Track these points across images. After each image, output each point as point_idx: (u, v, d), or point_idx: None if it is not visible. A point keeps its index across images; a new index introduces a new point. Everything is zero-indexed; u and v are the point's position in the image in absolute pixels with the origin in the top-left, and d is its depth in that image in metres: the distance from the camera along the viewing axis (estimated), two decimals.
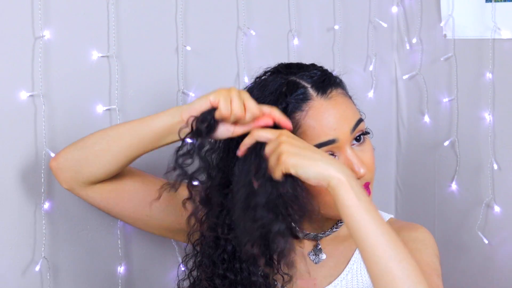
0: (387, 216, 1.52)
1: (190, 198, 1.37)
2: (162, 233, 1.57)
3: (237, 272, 1.38)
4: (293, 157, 1.27)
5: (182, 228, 1.50)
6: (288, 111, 1.36)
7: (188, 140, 1.34)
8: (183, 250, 1.68)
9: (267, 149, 1.30)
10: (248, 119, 1.33)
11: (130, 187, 1.49)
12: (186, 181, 1.36)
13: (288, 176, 1.29)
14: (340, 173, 1.25)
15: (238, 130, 1.35)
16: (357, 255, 1.46)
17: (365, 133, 1.41)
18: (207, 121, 1.33)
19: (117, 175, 1.48)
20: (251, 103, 1.33)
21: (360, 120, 1.39)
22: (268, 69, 1.45)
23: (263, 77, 1.44)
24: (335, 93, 1.39)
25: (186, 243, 1.49)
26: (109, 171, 1.45)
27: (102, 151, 1.42)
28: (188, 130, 1.34)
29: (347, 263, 1.46)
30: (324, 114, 1.36)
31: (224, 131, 1.36)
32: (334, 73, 1.45)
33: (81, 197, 1.50)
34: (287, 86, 1.38)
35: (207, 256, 1.41)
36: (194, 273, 1.46)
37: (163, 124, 1.38)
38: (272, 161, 1.29)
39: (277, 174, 1.29)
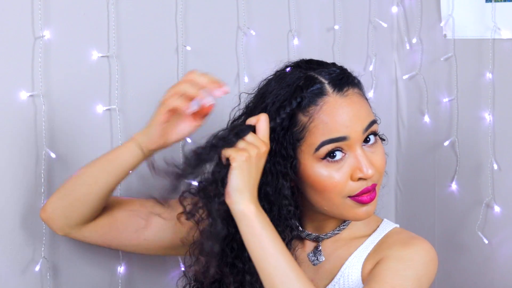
0: (393, 225, 1.50)
1: (184, 212, 1.38)
2: (166, 252, 1.57)
3: (245, 260, 1.39)
4: (245, 163, 1.31)
5: (183, 243, 1.50)
6: (302, 105, 1.37)
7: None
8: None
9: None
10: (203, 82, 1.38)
11: (122, 216, 1.51)
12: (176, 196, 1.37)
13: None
14: (253, 204, 1.31)
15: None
16: (350, 260, 1.45)
17: (377, 134, 1.41)
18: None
19: (106, 208, 1.51)
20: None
21: (373, 121, 1.40)
22: (290, 63, 1.46)
23: (283, 70, 1.45)
24: (352, 92, 1.39)
25: (184, 255, 1.49)
26: (97, 208, 1.48)
27: (84, 195, 1.45)
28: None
29: (341, 267, 1.45)
30: (338, 110, 1.37)
31: (184, 128, 1.42)
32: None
33: (79, 239, 1.53)
34: (305, 80, 1.39)
35: None
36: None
37: (131, 162, 1.43)
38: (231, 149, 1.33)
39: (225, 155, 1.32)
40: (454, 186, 2.00)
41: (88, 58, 1.60)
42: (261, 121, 1.35)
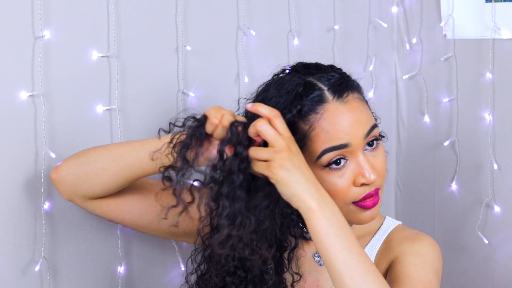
0: (395, 223, 1.51)
1: (192, 201, 1.36)
2: (166, 236, 1.57)
3: (248, 269, 1.38)
4: (282, 171, 1.26)
5: (185, 231, 1.50)
6: (302, 113, 1.35)
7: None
8: (183, 250, 1.69)
9: (263, 152, 1.28)
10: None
11: (130, 199, 1.49)
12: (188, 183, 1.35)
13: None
14: (314, 200, 1.25)
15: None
16: None
17: (378, 138, 1.40)
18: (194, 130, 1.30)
19: None
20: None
21: (374, 126, 1.39)
22: (287, 66, 1.45)
23: (281, 75, 1.43)
24: (352, 97, 1.38)
25: (191, 243, 1.49)
26: (108, 190, 1.45)
27: (102, 170, 1.42)
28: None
29: None
30: (338, 118, 1.35)
31: (213, 152, 1.34)
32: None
33: (82, 207, 1.51)
34: (304, 87, 1.37)
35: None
36: (202, 266, 1.46)
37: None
38: (261, 164, 1.28)
39: (260, 173, 1.28)
40: (454, 186, 2.00)
41: (88, 58, 1.60)
42: (277, 119, 1.29)
